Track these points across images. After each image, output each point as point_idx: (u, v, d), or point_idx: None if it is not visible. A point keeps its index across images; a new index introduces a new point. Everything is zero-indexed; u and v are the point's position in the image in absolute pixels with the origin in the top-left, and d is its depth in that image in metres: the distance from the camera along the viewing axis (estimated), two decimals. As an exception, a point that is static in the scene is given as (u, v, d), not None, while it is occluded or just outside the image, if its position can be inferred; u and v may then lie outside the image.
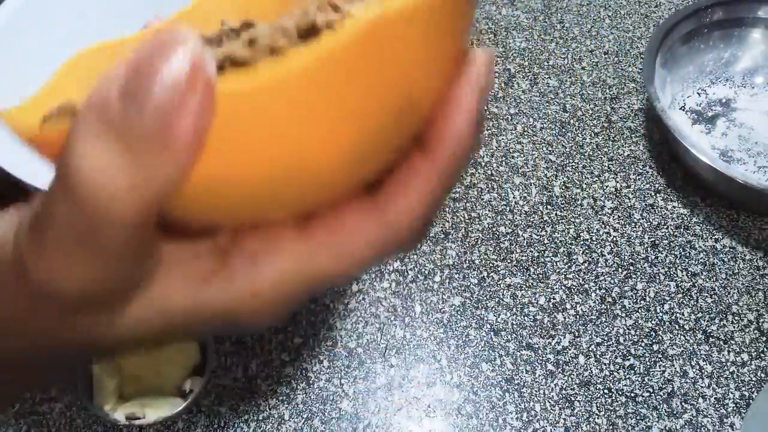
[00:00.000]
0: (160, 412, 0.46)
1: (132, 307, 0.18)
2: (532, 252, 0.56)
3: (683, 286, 0.54)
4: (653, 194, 0.60)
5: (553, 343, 0.51)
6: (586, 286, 0.54)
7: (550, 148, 0.63)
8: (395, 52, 0.16)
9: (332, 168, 0.17)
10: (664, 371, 0.50)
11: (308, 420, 0.48)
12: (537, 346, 0.51)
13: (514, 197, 0.60)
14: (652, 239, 0.57)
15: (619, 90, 0.68)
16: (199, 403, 0.48)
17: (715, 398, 0.49)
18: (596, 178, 0.61)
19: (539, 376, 0.50)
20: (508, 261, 0.56)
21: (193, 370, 0.48)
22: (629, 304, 0.53)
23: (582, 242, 0.57)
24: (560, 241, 0.57)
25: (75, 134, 0.15)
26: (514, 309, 0.53)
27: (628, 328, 0.52)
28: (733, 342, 0.52)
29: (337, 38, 0.15)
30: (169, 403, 0.47)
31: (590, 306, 0.53)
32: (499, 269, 0.55)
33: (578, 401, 0.49)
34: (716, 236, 0.57)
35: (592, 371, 0.50)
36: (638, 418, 0.48)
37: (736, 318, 0.53)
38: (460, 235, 0.57)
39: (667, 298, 0.54)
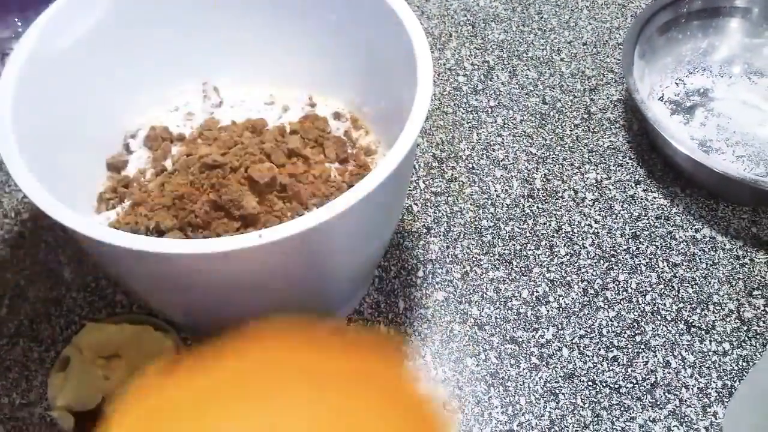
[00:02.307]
0: None
1: None
2: (514, 245, 0.56)
3: (664, 277, 0.55)
4: (633, 185, 0.60)
5: (536, 337, 0.51)
6: (569, 278, 0.54)
7: (530, 141, 0.63)
8: None
9: None
10: (647, 362, 0.50)
11: (293, 419, 0.47)
12: (521, 339, 0.51)
13: (495, 190, 0.60)
14: (633, 230, 0.57)
15: (597, 81, 0.68)
16: (182, 405, 0.48)
17: (697, 388, 0.49)
18: (577, 170, 0.61)
19: (523, 369, 0.50)
20: (491, 255, 0.56)
21: None
22: (611, 295, 0.54)
23: (564, 235, 0.57)
24: (542, 234, 0.57)
25: None
26: (498, 303, 0.53)
27: (610, 320, 0.52)
28: (714, 331, 0.52)
29: None
30: None
31: (573, 298, 0.53)
32: (481, 263, 0.55)
33: (563, 394, 0.49)
34: (696, 226, 0.58)
35: (576, 363, 0.50)
36: (622, 409, 0.48)
37: (717, 307, 0.53)
38: (443, 230, 0.57)
39: (649, 289, 0.54)
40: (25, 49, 0.42)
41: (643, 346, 0.51)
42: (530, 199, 0.59)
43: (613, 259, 0.56)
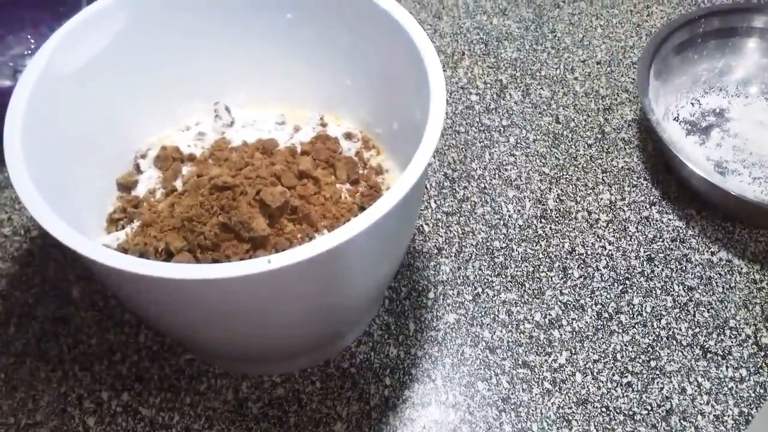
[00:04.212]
0: None
1: None
2: (526, 267, 0.55)
3: (680, 301, 0.54)
4: (648, 207, 0.59)
5: (549, 361, 0.51)
6: (582, 301, 0.54)
7: (543, 161, 0.62)
8: None
9: None
10: (662, 388, 0.49)
11: (301, 443, 0.47)
12: (533, 363, 0.50)
13: (507, 211, 0.59)
14: (648, 253, 0.56)
15: (612, 101, 0.67)
16: (190, 427, 0.47)
17: (714, 415, 0.48)
18: (590, 191, 0.60)
19: (536, 394, 0.49)
20: (503, 276, 0.55)
21: None
22: (626, 319, 0.53)
23: (577, 256, 0.56)
24: (555, 256, 0.56)
25: None
26: (510, 326, 0.52)
27: (625, 344, 0.51)
28: (731, 357, 0.51)
29: None
30: None
31: (586, 322, 0.53)
32: (493, 285, 0.54)
33: (576, 420, 0.48)
34: (712, 249, 0.57)
35: (589, 389, 0.49)
36: (637, 436, 0.47)
37: (734, 332, 0.52)
38: (454, 251, 0.56)
39: (664, 313, 0.53)
40: (37, 67, 0.42)
41: (658, 372, 0.50)
42: (543, 220, 0.58)
43: (627, 282, 0.55)
